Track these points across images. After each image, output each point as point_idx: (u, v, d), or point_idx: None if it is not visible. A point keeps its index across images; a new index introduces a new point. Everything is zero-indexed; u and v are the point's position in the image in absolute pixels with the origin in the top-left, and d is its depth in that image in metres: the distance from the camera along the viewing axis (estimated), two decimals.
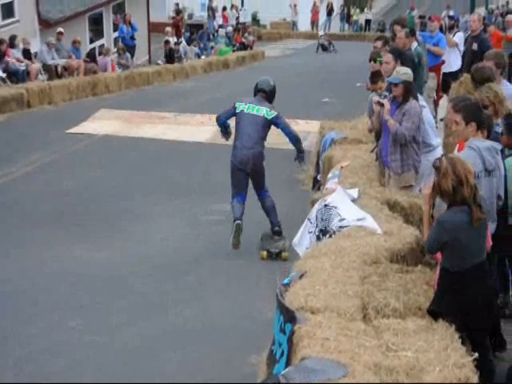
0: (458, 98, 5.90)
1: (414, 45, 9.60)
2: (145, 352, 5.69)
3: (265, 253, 8.01)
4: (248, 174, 8.08)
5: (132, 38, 22.31)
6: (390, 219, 6.21)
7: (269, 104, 8.14)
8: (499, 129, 5.93)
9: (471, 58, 11.05)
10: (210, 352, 5.68)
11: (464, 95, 6.90)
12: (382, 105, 6.94)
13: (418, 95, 7.39)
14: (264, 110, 8.02)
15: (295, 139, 8.23)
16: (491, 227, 5.10)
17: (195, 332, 6.03)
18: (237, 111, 8.12)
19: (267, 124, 8.05)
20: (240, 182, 8.12)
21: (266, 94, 8.18)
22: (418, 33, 10.97)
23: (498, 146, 5.36)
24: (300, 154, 8.35)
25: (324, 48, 30.67)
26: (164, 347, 5.77)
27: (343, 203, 6.37)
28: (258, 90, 8.22)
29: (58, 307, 6.46)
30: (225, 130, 8.54)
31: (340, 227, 6.02)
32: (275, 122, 8.05)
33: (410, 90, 6.91)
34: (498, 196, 5.35)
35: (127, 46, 21.25)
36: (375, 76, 8.16)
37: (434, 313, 4.52)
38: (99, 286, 6.98)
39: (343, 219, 6.11)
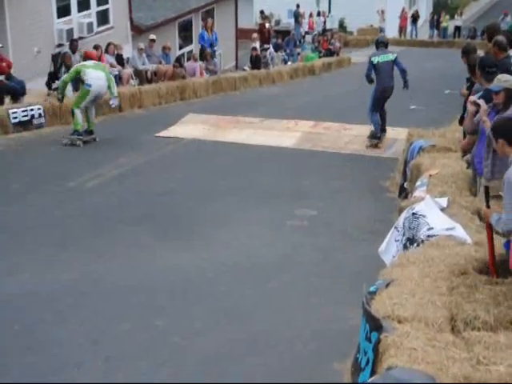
0: None
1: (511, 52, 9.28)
2: (226, 357, 5.68)
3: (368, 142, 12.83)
4: (385, 98, 12.68)
5: (211, 45, 21.68)
6: (480, 229, 6.05)
7: (389, 50, 12.82)
8: None
9: None
10: (291, 357, 5.66)
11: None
12: (477, 105, 6.72)
13: None
14: (390, 56, 12.61)
15: (405, 72, 12.69)
16: None
17: (276, 337, 6.00)
18: (374, 63, 12.52)
19: (394, 63, 12.55)
20: (380, 103, 12.79)
21: (385, 44, 12.88)
22: None
23: None
24: (406, 83, 12.75)
25: None
26: (244, 353, 5.74)
27: (432, 212, 6.25)
28: (379, 43, 12.91)
29: (142, 308, 6.57)
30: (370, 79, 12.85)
31: (428, 236, 5.91)
32: (396, 60, 12.56)
33: (511, 97, 6.70)
34: None
35: None
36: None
37: None
38: (179, 289, 7.04)
39: (432, 228, 5.99)
